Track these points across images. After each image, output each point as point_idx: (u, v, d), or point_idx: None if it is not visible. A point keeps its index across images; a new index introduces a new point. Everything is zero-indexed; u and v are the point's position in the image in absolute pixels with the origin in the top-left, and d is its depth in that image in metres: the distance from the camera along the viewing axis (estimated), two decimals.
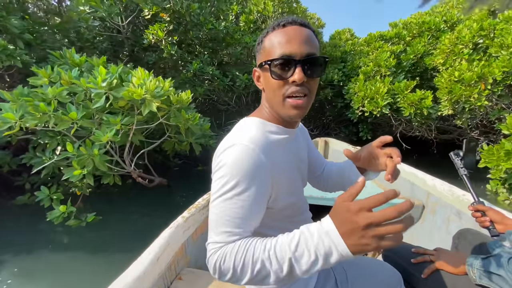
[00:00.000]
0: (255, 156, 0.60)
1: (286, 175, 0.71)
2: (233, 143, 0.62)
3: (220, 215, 0.59)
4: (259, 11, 4.79)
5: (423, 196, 1.87)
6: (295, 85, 0.62)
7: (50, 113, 2.15)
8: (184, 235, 1.25)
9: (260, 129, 0.68)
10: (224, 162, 0.60)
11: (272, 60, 0.62)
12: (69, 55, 2.60)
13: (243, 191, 0.59)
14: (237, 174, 0.58)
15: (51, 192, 2.87)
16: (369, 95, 4.47)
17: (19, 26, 3.04)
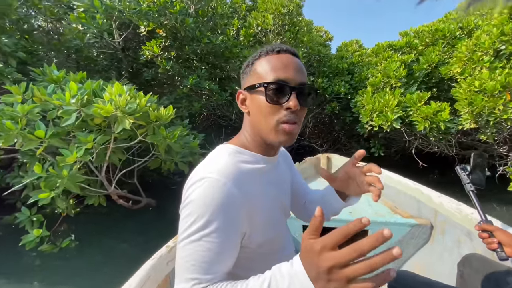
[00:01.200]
0: (226, 191, 0.56)
1: (264, 208, 0.66)
2: (201, 177, 0.58)
3: (186, 259, 0.55)
4: (258, 25, 4.66)
5: (430, 214, 1.74)
6: (289, 111, 0.61)
7: (16, 131, 2.02)
8: (168, 266, 1.15)
9: (234, 159, 0.64)
10: (191, 199, 0.56)
11: (268, 83, 0.60)
12: (48, 71, 2.52)
13: (212, 232, 0.54)
14: (205, 213, 0.54)
15: (31, 213, 2.72)
16: (378, 108, 4.10)
17: (11, 45, 3.06)
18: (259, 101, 0.63)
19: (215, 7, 4.17)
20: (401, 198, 2.06)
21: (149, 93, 2.49)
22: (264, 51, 0.65)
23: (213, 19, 4.26)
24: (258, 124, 0.65)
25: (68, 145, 2.25)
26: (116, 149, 2.63)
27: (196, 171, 0.62)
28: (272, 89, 0.61)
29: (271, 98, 0.61)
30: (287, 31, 4.88)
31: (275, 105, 0.61)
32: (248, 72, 0.67)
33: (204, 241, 0.54)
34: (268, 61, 0.63)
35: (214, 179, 0.56)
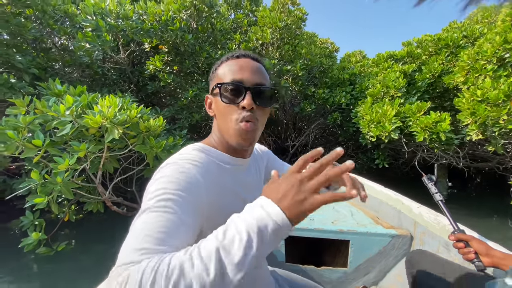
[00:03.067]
0: (190, 174, 0.56)
1: (224, 206, 0.63)
2: (167, 163, 0.59)
3: (138, 231, 0.47)
4: (258, 39, 4.81)
5: (410, 225, 1.73)
6: (245, 111, 0.63)
7: (17, 140, 2.21)
8: None
9: (202, 153, 0.64)
10: (155, 178, 0.56)
11: (222, 83, 0.63)
12: (52, 86, 2.74)
13: (171, 204, 0.50)
14: (166, 187, 0.52)
15: (34, 217, 2.90)
16: (375, 119, 4.04)
17: (24, 62, 3.37)
18: (218, 103, 0.65)
19: (215, 24, 4.37)
20: (383, 209, 2.06)
21: (150, 106, 2.65)
22: (226, 57, 0.68)
23: (213, 35, 4.45)
24: (220, 125, 0.67)
25: (67, 154, 2.41)
26: (111, 158, 2.77)
27: (165, 161, 0.62)
28: (227, 89, 0.63)
29: (226, 97, 0.63)
30: (286, 44, 4.99)
31: (230, 105, 0.63)
32: (212, 78, 0.70)
33: (162, 211, 0.49)
34: (227, 65, 0.66)
35: (180, 163, 0.57)
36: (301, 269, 1.58)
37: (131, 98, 3.25)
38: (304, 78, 5.59)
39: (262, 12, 4.96)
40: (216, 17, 4.41)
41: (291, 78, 5.25)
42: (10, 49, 3.39)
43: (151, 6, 3.92)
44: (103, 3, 3.41)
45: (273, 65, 4.70)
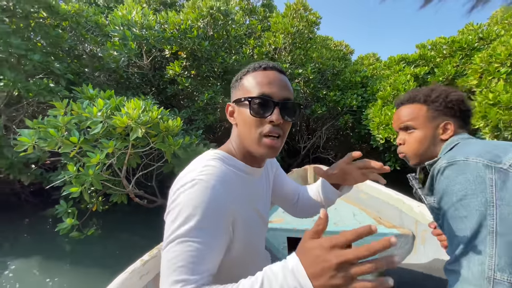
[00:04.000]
0: (215, 193, 0.56)
1: (246, 216, 0.66)
2: (191, 179, 0.57)
3: (173, 261, 0.52)
4: (270, 44, 5.03)
5: (412, 224, 1.76)
6: (272, 125, 0.64)
7: (57, 137, 2.57)
8: (141, 280, 1.12)
9: (223, 164, 0.65)
10: (179, 201, 0.56)
11: (252, 97, 0.63)
12: (85, 90, 3.12)
13: (201, 233, 0.53)
14: (194, 214, 0.54)
15: (68, 206, 3.29)
16: (384, 121, 4.12)
17: (62, 69, 3.81)
18: (244, 114, 0.65)
19: (230, 31, 4.64)
20: (384, 209, 2.09)
21: (170, 108, 2.95)
22: (252, 68, 0.69)
23: (228, 41, 4.73)
24: (243, 135, 0.67)
25: (98, 150, 2.76)
26: (134, 154, 3.10)
27: (184, 174, 0.62)
28: (257, 103, 0.63)
29: (255, 111, 0.63)
30: (298, 48, 5.17)
31: (258, 118, 0.64)
32: (236, 86, 0.70)
33: (193, 241, 0.53)
34: (254, 76, 0.66)
35: (204, 181, 0.57)
36: None
37: (153, 101, 3.59)
38: (316, 81, 5.74)
39: (275, 18, 5.18)
40: (231, 25, 4.69)
41: (303, 81, 5.42)
42: (49, 57, 3.85)
43: (171, 16, 4.26)
44: (129, 15, 3.78)
45: (284, 69, 4.90)
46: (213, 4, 4.21)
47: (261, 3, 6.57)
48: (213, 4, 4.21)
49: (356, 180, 0.78)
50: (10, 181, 4.34)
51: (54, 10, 3.78)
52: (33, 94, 3.51)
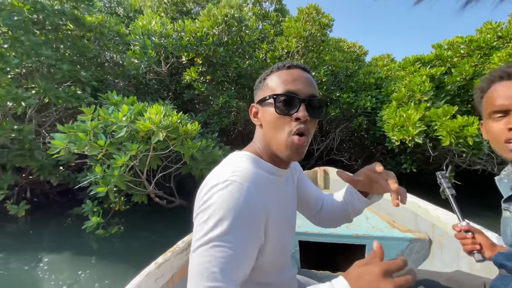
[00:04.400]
0: (249, 195, 0.55)
1: (276, 219, 0.64)
2: (224, 179, 0.56)
3: (206, 265, 0.50)
4: (283, 48, 5.13)
5: (428, 228, 1.69)
6: (299, 122, 0.62)
7: (85, 141, 2.77)
8: (156, 283, 1.11)
9: (255, 166, 0.64)
10: (212, 202, 0.53)
11: (278, 95, 0.62)
12: (110, 97, 3.33)
13: (234, 236, 0.52)
14: (227, 216, 0.52)
15: (93, 205, 3.51)
16: (399, 123, 4.10)
17: (87, 76, 4.07)
18: (269, 113, 0.64)
19: (243, 36, 4.78)
20: (398, 212, 2.03)
21: (186, 112, 3.11)
22: (276, 67, 0.68)
23: (241, 46, 4.87)
24: (270, 136, 0.65)
25: (123, 152, 2.95)
26: (155, 156, 3.27)
27: (215, 174, 0.60)
28: (282, 100, 0.62)
29: (281, 109, 0.62)
30: (310, 51, 5.23)
31: (285, 116, 0.62)
32: (261, 87, 0.69)
33: (226, 246, 0.51)
34: (279, 75, 0.65)
35: (238, 182, 0.55)
36: (316, 275, 1.52)
37: (171, 106, 3.76)
38: (329, 83, 5.76)
39: (288, 23, 5.27)
40: (245, 30, 4.82)
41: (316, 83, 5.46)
42: (76, 66, 4.13)
43: (188, 24, 4.45)
44: (149, 25, 4.00)
45: None
46: (228, 12, 4.37)
47: (274, 8, 6.69)
48: (228, 12, 4.37)
49: (385, 189, 0.71)
50: (40, 182, 4.65)
51: (80, 22, 4.05)
52: (62, 101, 3.78)
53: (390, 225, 1.95)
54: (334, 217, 0.91)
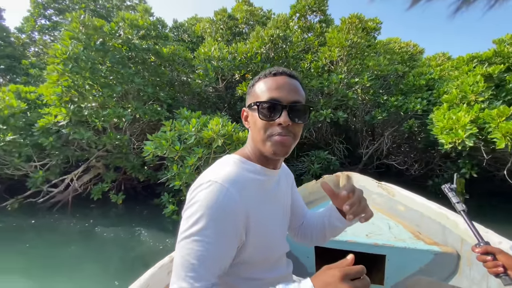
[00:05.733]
0: (229, 196, 0.60)
1: (261, 217, 0.68)
2: (207, 180, 0.61)
3: (186, 258, 0.57)
4: (326, 58, 5.48)
5: (456, 242, 1.56)
6: (280, 127, 0.66)
7: (166, 146, 3.71)
8: (169, 276, 1.13)
9: (239, 168, 0.68)
10: (196, 200, 0.59)
11: (261, 102, 0.66)
12: (182, 112, 4.28)
13: (213, 233, 0.57)
14: (208, 214, 0.57)
15: (169, 197, 4.51)
16: (447, 126, 4.02)
17: (164, 96, 5.20)
18: (254, 118, 0.68)
19: (288, 51, 5.32)
20: (424, 223, 1.90)
21: (239, 121, 3.79)
22: (263, 74, 0.71)
23: (286, 60, 5.42)
24: (255, 138, 0.69)
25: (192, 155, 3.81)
26: (215, 158, 4.07)
27: (202, 176, 0.65)
28: (265, 107, 0.65)
29: (264, 114, 0.66)
30: (354, 58, 5.44)
31: (267, 121, 0.66)
32: (250, 92, 0.73)
33: (205, 241, 0.57)
34: (265, 82, 0.69)
35: (219, 184, 0.60)
36: None
37: (227, 117, 4.54)
38: (376, 87, 5.81)
39: (330, 34, 5.60)
40: (289, 46, 5.36)
41: (360, 88, 5.62)
42: (156, 88, 5.31)
43: (240, 47, 5.22)
44: (209, 52, 4.90)
45: (340, 79, 5.26)
46: (273, 32, 4.98)
47: (319, 19, 7.05)
48: (273, 32, 4.98)
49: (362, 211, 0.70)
50: (130, 179, 6.01)
51: (159, 55, 5.21)
52: (148, 116, 4.94)
53: (415, 236, 1.83)
54: (310, 234, 0.92)
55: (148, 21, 5.17)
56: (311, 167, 5.80)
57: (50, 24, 9.38)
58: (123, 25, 4.85)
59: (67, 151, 4.94)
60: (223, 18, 6.92)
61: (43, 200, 5.02)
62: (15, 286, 2.84)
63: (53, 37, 9.57)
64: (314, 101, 5.66)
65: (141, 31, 5.06)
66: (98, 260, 3.36)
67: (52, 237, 4.09)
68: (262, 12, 8.68)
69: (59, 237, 4.08)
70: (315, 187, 2.61)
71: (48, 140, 4.49)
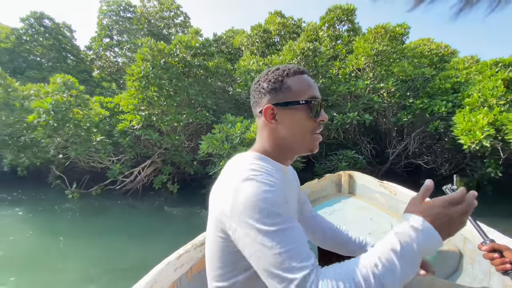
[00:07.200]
0: (278, 187, 0.58)
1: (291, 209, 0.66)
2: (245, 177, 0.58)
3: (282, 250, 0.51)
4: (353, 65, 6.05)
5: (459, 241, 1.59)
6: (322, 123, 0.69)
7: (216, 145, 4.67)
8: (176, 273, 1.17)
9: (264, 163, 0.66)
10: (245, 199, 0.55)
11: (310, 100, 0.66)
12: (227, 117, 5.23)
13: (285, 214, 0.54)
14: (275, 204, 0.54)
15: None
16: (466, 128, 4.40)
17: (210, 103, 6.22)
18: (297, 116, 0.67)
19: (317, 62, 6.00)
20: None
21: None
22: (291, 71, 0.68)
23: (316, 69, 6.10)
24: (293, 136, 0.68)
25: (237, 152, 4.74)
26: None
27: (232, 175, 0.62)
28: (315, 105, 0.66)
29: (314, 113, 0.67)
30: (379, 65, 5.93)
31: (314, 120, 0.67)
32: (279, 88, 0.68)
33: (285, 226, 0.53)
34: (299, 80, 0.68)
35: (264, 177, 0.58)
36: None
37: None
38: (403, 90, 6.20)
39: (357, 43, 6.14)
40: (319, 56, 6.04)
41: (386, 92, 6.08)
42: (204, 97, 6.37)
43: (274, 59, 6.04)
44: (248, 65, 5.80)
45: (366, 85, 5.80)
46: (304, 45, 5.71)
47: (347, 28, 7.58)
48: (304, 45, 5.71)
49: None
50: (182, 172, 7.18)
51: (207, 69, 6.26)
52: (198, 120, 6.00)
53: None
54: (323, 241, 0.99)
55: (198, 41, 6.24)
56: (339, 165, 6.38)
57: (111, 42, 11.14)
58: (179, 46, 5.97)
59: (137, 148, 6.22)
60: (259, 32, 7.79)
61: (119, 187, 6.36)
62: (106, 242, 4.00)
63: (115, 53, 11.33)
64: (341, 105, 6.26)
65: (193, 50, 6.14)
66: (168, 229, 4.45)
67: (130, 213, 5.34)
68: (293, 22, 9.40)
69: (135, 213, 5.32)
70: (318, 186, 2.66)
71: (125, 140, 5.76)
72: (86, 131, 5.47)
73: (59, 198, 6.06)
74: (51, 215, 5.11)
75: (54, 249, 3.78)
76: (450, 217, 0.53)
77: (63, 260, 3.45)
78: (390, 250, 0.50)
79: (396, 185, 2.27)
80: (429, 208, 0.54)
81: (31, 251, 3.72)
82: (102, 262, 3.31)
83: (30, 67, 9.94)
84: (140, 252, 3.56)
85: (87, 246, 3.91)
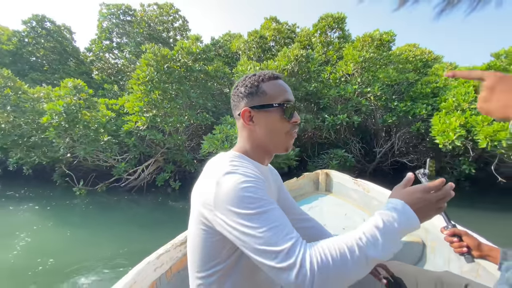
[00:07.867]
0: (259, 177, 0.63)
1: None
2: (226, 171, 0.62)
3: (267, 228, 0.54)
4: (342, 71, 6.55)
5: (422, 232, 1.72)
6: (295, 124, 0.75)
7: (217, 145, 5.10)
8: (155, 273, 1.17)
9: (244, 161, 0.71)
10: (228, 190, 0.58)
11: (283, 103, 0.72)
12: (227, 118, 5.67)
13: (268, 203, 0.58)
14: (257, 189, 0.59)
15: None
16: (440, 129, 4.93)
17: (210, 106, 6.65)
18: (271, 118, 0.72)
19: (310, 67, 6.49)
20: None
21: None
22: (266, 76, 0.74)
23: (308, 74, 6.59)
24: (265, 136, 0.73)
25: None
26: None
27: (217, 170, 0.64)
28: (289, 107, 0.72)
29: (288, 115, 0.72)
30: (366, 71, 6.45)
31: (288, 121, 0.73)
32: (255, 92, 0.72)
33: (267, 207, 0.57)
34: (273, 84, 0.73)
35: (242, 170, 0.63)
36: None
37: None
38: (388, 94, 6.74)
39: (346, 51, 6.64)
40: (311, 62, 6.53)
41: (373, 96, 6.60)
42: (204, 99, 6.79)
43: (270, 64, 6.50)
44: (246, 70, 6.25)
45: (354, 89, 6.31)
46: (298, 52, 6.19)
47: (338, 35, 8.09)
48: (298, 52, 6.19)
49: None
50: (183, 170, 7.59)
51: (207, 73, 6.69)
52: (199, 121, 6.42)
53: None
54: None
55: (199, 47, 6.66)
56: (330, 163, 6.89)
57: (111, 44, 11.44)
58: (181, 52, 6.38)
59: (141, 148, 6.61)
60: (255, 38, 8.24)
61: (124, 185, 6.75)
62: (113, 234, 4.41)
63: (114, 55, 11.64)
64: (332, 107, 6.77)
65: (194, 56, 6.56)
66: (172, 220, 4.88)
67: (137, 206, 5.75)
68: (287, 27, 9.88)
69: (142, 207, 5.73)
70: (296, 184, 2.79)
71: (130, 140, 6.16)
72: (94, 132, 5.84)
73: (67, 195, 6.42)
74: (65, 209, 5.49)
75: (75, 236, 4.25)
76: (428, 202, 0.58)
77: (85, 244, 3.93)
78: (374, 227, 0.54)
79: (369, 183, 2.38)
80: (410, 194, 0.59)
81: (57, 238, 4.21)
82: (119, 245, 3.77)
83: (33, 69, 10.20)
84: (150, 238, 4.02)
85: (103, 233, 4.39)
